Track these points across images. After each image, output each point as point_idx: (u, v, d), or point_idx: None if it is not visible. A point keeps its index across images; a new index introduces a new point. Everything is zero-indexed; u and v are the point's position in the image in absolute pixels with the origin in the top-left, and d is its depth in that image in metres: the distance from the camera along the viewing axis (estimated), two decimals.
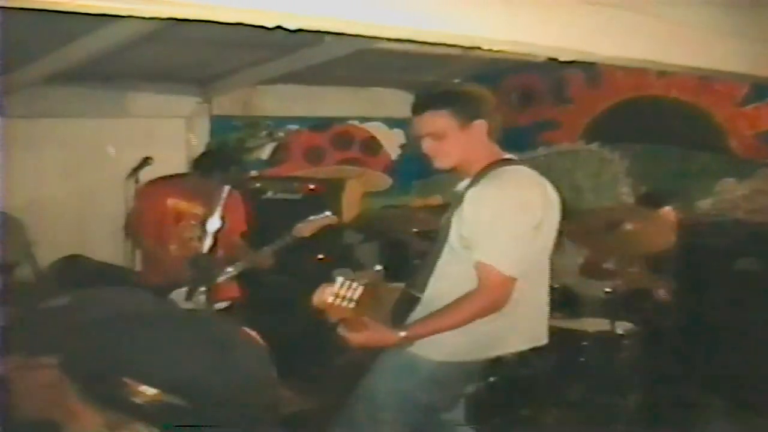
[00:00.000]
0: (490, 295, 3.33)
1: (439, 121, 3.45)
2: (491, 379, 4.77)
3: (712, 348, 4.94)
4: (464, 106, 3.48)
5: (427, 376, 3.49)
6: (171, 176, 5.35)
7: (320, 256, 6.57)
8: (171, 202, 5.20)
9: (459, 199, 3.45)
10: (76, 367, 1.43)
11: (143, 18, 3.44)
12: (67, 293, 1.60)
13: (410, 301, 3.55)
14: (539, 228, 3.41)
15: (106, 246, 5.48)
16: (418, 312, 3.50)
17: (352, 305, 3.20)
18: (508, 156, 3.58)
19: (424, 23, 3.04)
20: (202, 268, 4.85)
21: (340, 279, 3.18)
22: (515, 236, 3.34)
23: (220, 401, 1.45)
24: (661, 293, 5.45)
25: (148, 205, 5.24)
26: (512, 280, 3.33)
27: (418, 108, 3.50)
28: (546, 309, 3.73)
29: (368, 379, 3.59)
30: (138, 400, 1.40)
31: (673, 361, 5.18)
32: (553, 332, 5.41)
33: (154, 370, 1.41)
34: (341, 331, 3.35)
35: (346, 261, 6.71)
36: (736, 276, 4.91)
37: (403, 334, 3.36)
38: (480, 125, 3.48)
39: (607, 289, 5.34)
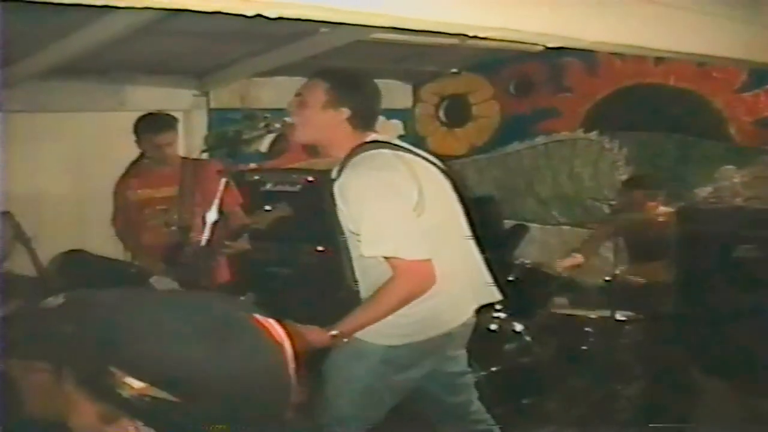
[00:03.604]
0: (407, 282, 3.30)
1: (314, 89, 3.46)
2: (493, 368, 4.80)
3: (713, 334, 4.93)
4: (341, 90, 3.46)
5: (378, 360, 3.47)
6: (132, 164, 5.36)
7: (320, 248, 6.55)
8: (131, 194, 5.25)
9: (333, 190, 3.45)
10: (70, 357, 1.36)
11: (118, 7, 3.36)
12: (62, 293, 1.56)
13: (354, 297, 3.52)
14: (422, 203, 3.34)
15: (106, 240, 5.44)
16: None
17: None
18: (371, 138, 3.53)
19: (410, 10, 3.00)
20: (199, 260, 4.90)
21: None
22: (400, 220, 3.30)
23: (215, 398, 1.33)
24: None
25: (115, 201, 5.32)
26: (422, 263, 3.30)
27: (311, 74, 3.52)
28: (485, 274, 3.67)
29: (322, 372, 3.60)
30: (125, 393, 1.30)
31: (674, 347, 5.18)
32: (555, 319, 5.48)
33: (142, 360, 1.30)
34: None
35: (346, 252, 6.65)
36: (736, 262, 4.90)
37: (334, 332, 3.37)
38: (346, 113, 3.45)
39: (607, 278, 5.36)
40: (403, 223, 3.29)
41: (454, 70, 8.14)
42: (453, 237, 3.56)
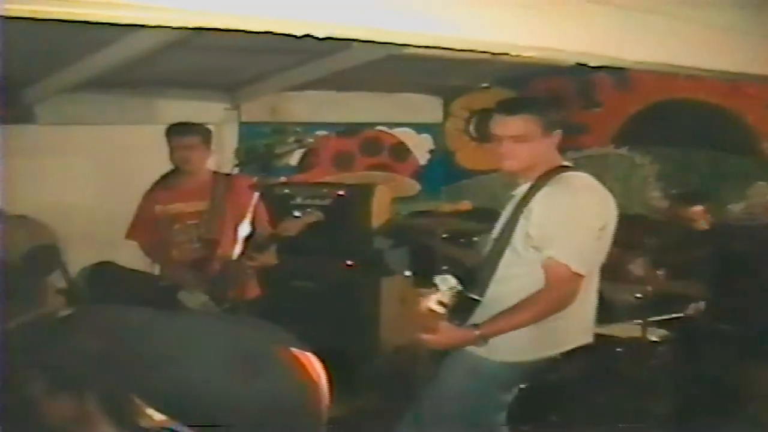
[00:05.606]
0: (560, 292, 3.48)
1: (528, 125, 3.60)
2: (521, 385, 4.75)
3: (746, 352, 4.88)
4: (552, 115, 3.71)
5: (493, 377, 3.65)
6: (162, 177, 5.33)
7: (349, 262, 6.59)
8: (159, 209, 5.19)
9: (522, 201, 3.60)
10: (93, 377, 1.30)
11: (171, 28, 3.46)
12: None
13: (468, 304, 3.61)
14: (603, 230, 3.60)
15: (136, 253, 5.43)
16: (479, 314, 3.60)
17: (444, 311, 3.43)
18: (566, 162, 3.76)
19: (451, 30, 3.06)
20: (229, 275, 4.93)
21: (444, 287, 3.39)
22: (586, 236, 3.54)
23: None
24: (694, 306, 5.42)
25: (139, 212, 5.29)
26: (580, 277, 3.50)
27: (511, 109, 3.66)
28: (594, 309, 3.84)
29: (437, 383, 3.77)
30: (144, 424, 1.25)
31: (706, 368, 5.12)
32: None
33: (164, 390, 1.25)
34: (419, 335, 3.53)
35: (375, 267, 6.73)
36: None
37: (478, 332, 3.47)
38: (558, 135, 3.67)
39: (638, 295, 5.29)
40: (588, 239, 3.55)
41: (485, 84, 8.11)
42: (596, 267, 3.73)
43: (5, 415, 1.36)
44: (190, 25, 2.66)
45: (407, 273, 6.58)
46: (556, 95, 7.71)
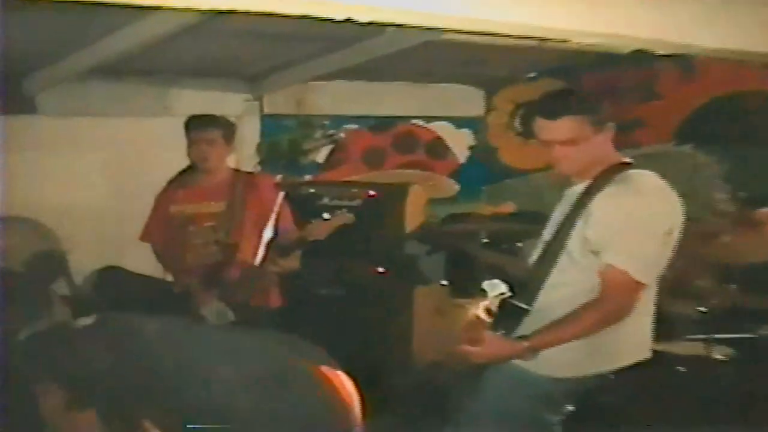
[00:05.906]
0: (617, 301, 3.39)
1: (575, 126, 3.48)
2: (570, 406, 4.54)
3: None
4: (599, 110, 3.58)
5: (540, 393, 3.55)
6: (179, 174, 5.18)
7: (380, 269, 6.42)
8: (174, 209, 5.04)
9: (580, 202, 3.50)
10: (100, 396, 1.31)
11: (200, 11, 3.61)
12: (93, 313, 1.51)
13: (516, 313, 3.51)
14: (669, 235, 3.46)
15: (146, 254, 5.30)
16: (529, 324, 3.48)
17: (489, 319, 3.41)
18: (626, 159, 3.62)
19: (505, 14, 3.02)
20: (249, 281, 4.80)
21: (493, 293, 3.34)
22: (650, 241, 3.41)
23: None
24: None
25: (153, 213, 5.16)
26: (640, 286, 3.40)
27: (553, 113, 3.51)
28: (651, 322, 3.71)
29: (476, 398, 3.69)
30: None
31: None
32: None
33: (181, 415, 1.24)
34: (463, 347, 3.44)
35: (408, 274, 6.55)
36: None
37: (527, 344, 3.38)
38: (611, 129, 3.56)
39: (702, 309, 5.08)
40: (651, 245, 3.42)
41: (532, 74, 7.85)
42: (657, 276, 3.59)
43: (5, 415, 1.43)
44: (221, 8, 2.68)
45: (443, 282, 6.45)
46: (610, 87, 7.43)
